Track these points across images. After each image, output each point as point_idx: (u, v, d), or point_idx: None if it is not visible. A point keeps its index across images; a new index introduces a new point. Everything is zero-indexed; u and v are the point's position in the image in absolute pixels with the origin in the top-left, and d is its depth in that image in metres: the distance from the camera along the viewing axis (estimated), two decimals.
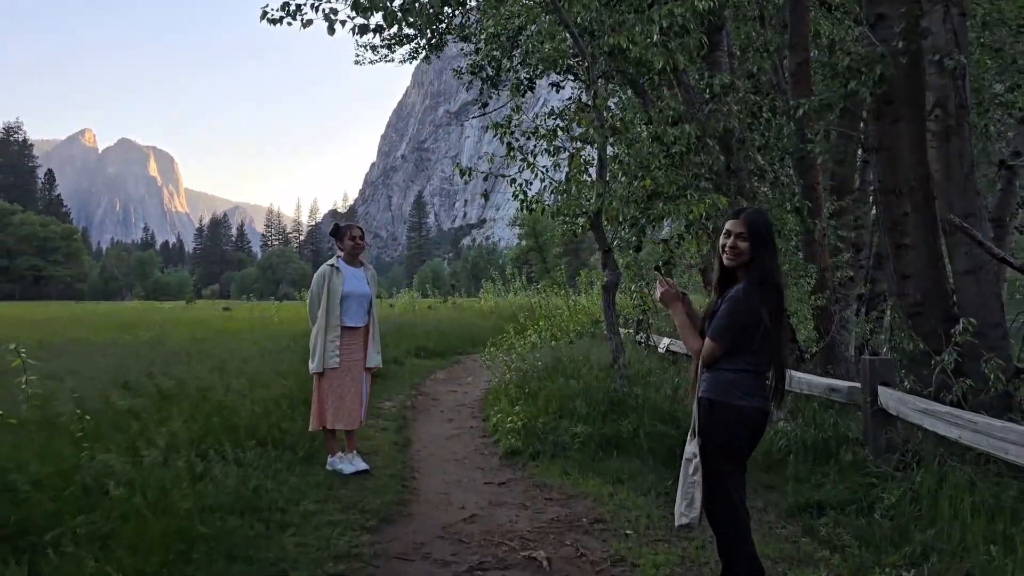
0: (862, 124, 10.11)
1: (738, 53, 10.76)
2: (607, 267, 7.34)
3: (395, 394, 10.93)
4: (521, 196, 7.04)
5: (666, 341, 10.02)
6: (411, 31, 14.24)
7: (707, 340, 3.47)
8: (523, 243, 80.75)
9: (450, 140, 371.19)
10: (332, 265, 6.38)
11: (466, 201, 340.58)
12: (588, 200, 7.25)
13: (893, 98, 6.83)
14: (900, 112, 6.74)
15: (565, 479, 6.14)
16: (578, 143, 7.48)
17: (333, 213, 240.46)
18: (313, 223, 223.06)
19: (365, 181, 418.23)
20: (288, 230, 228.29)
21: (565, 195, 7.23)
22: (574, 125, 7.46)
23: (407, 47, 15.30)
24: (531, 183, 7.14)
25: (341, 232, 6.45)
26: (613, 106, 11.97)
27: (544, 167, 7.16)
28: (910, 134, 6.64)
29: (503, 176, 7.20)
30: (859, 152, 11.44)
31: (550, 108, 8.91)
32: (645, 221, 7.33)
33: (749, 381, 3.40)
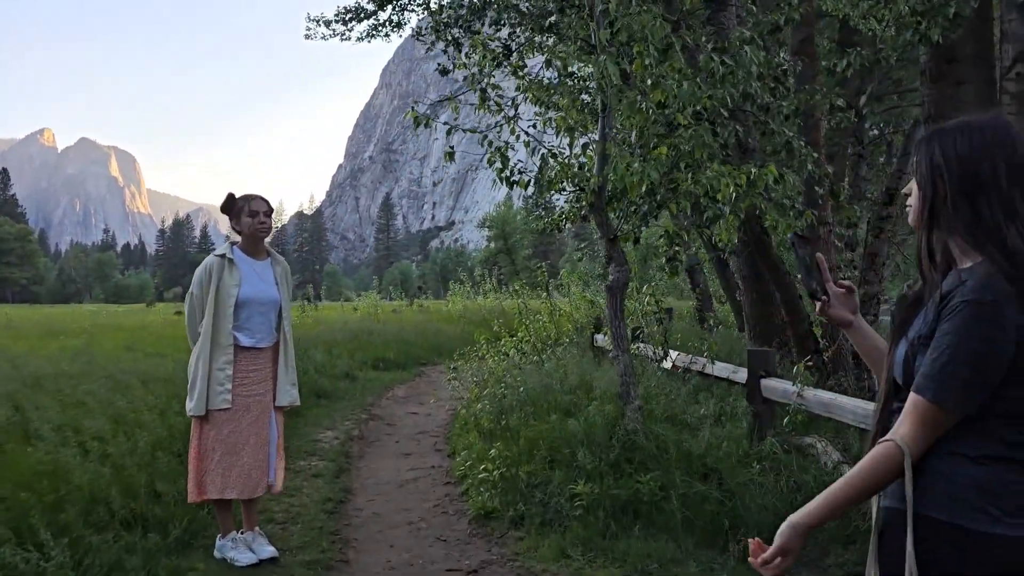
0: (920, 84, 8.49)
1: (754, 9, 9.07)
2: (613, 261, 5.46)
3: (341, 420, 8.94)
4: (499, 165, 5.14)
5: (674, 355, 8.18)
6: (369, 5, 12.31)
7: (914, 398, 1.60)
8: (492, 245, 79.16)
9: (418, 141, 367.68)
10: (223, 256, 4.34)
11: (434, 203, 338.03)
12: (589, 172, 5.36)
13: (955, 56, 5.91)
14: (964, 72, 5.89)
15: (565, 564, 4.25)
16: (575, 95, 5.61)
17: (299, 215, 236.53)
18: (279, 225, 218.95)
19: (332, 183, 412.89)
20: None
21: (557, 162, 5.34)
22: (572, 68, 5.57)
23: (365, 23, 13.18)
24: (514, 147, 5.25)
25: (237, 206, 4.39)
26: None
27: (531, 124, 5.29)
28: (977, 98, 5.71)
29: (475, 132, 5.26)
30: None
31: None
32: (660, 199, 5.46)
33: (1013, 481, 1.54)
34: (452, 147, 5.26)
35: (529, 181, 5.31)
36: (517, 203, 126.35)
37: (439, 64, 10.35)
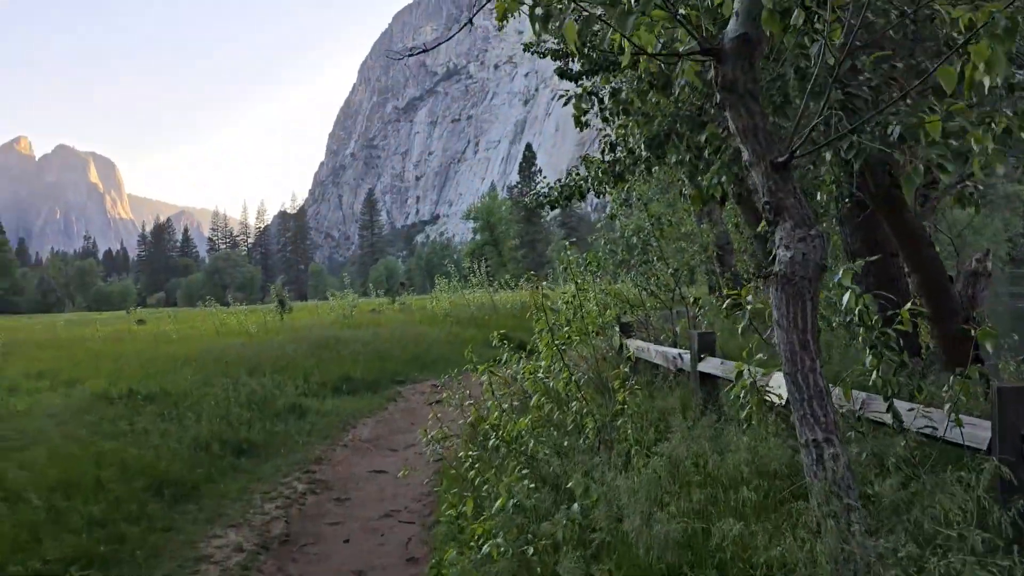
0: None
1: None
2: (784, 218, 2.50)
3: (263, 496, 6.03)
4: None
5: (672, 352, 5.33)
6: None
7: None
8: (478, 237, 76.57)
9: (400, 137, 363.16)
10: None
11: (418, 198, 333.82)
12: None
13: None
14: None
15: None
16: None
17: (282, 214, 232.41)
18: (261, 225, 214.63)
19: (315, 180, 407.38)
20: (235, 233, 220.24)
21: None
22: None
23: None
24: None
25: None
26: None
27: None
28: None
29: None
30: None
31: None
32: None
33: None
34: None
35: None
36: (502, 194, 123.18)
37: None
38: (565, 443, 4.52)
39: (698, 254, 13.05)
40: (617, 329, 9.55)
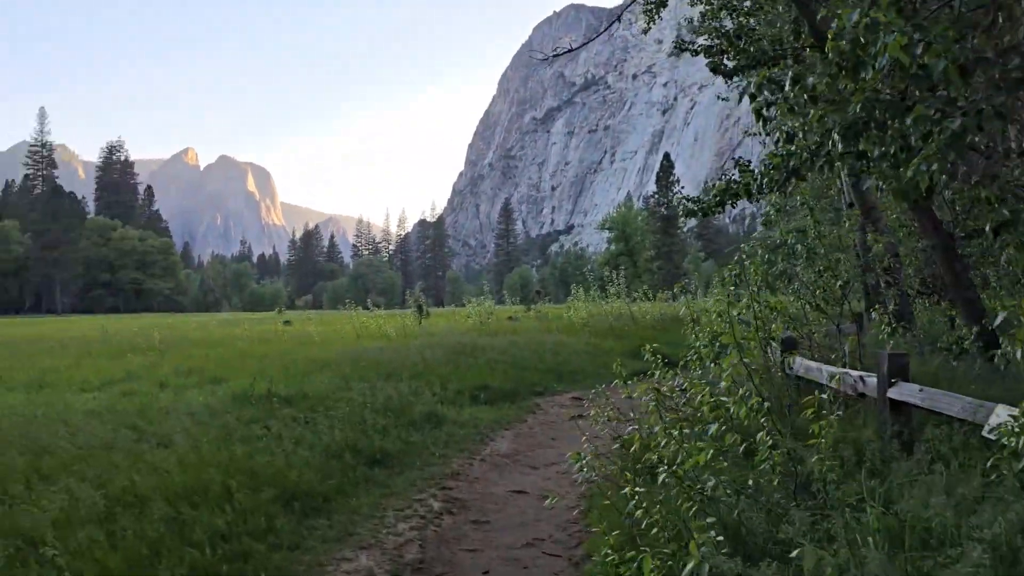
0: None
1: None
2: None
3: (400, 503, 5.57)
4: None
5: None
6: None
7: None
8: (612, 247, 75.33)
9: (536, 147, 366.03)
10: None
11: (553, 208, 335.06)
12: None
13: None
14: None
15: None
16: None
17: (422, 223, 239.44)
18: (402, 233, 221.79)
19: (453, 190, 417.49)
20: (378, 240, 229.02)
21: None
22: None
23: None
24: None
25: None
26: None
27: None
28: None
29: None
30: None
31: None
32: None
33: None
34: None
35: None
36: (638, 204, 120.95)
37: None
38: (750, 483, 3.73)
39: (856, 266, 11.76)
40: (775, 345, 8.60)
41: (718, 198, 12.86)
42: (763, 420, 3.78)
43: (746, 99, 6.97)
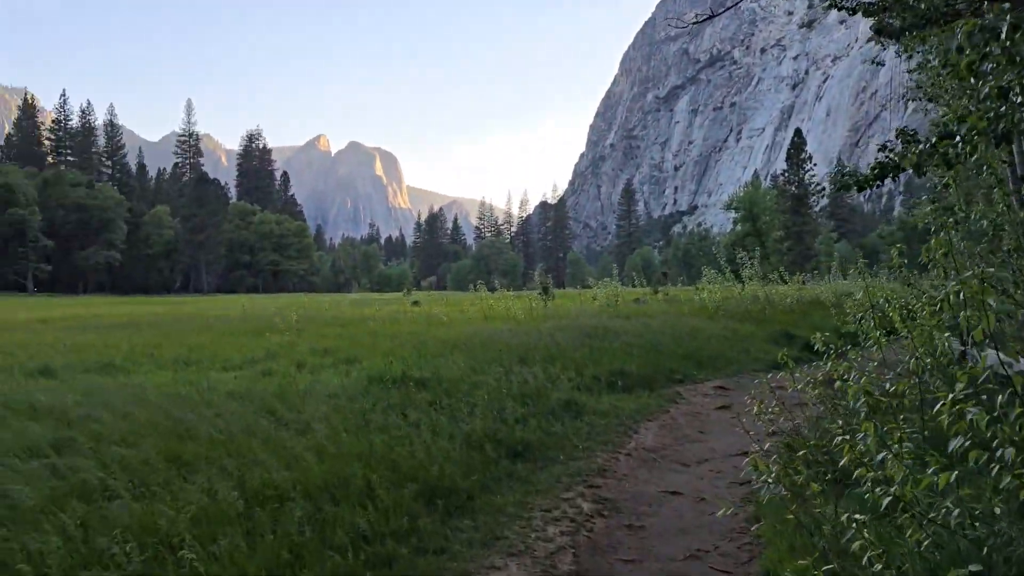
0: None
1: None
2: None
3: (547, 502, 5.12)
4: None
5: None
6: None
7: None
8: (739, 227, 72.15)
9: (659, 126, 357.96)
10: None
11: (676, 188, 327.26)
12: None
13: None
14: None
15: None
16: None
17: (543, 204, 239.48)
18: (524, 215, 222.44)
19: (574, 171, 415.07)
20: (500, 222, 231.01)
21: None
22: None
23: None
24: None
25: None
26: None
27: None
28: None
29: None
30: None
31: None
32: None
33: None
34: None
35: None
36: (766, 183, 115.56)
37: None
38: (996, 511, 3.01)
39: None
40: (948, 335, 7.56)
41: (876, 171, 11.64)
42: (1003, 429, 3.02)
43: (895, 65, 5.98)
